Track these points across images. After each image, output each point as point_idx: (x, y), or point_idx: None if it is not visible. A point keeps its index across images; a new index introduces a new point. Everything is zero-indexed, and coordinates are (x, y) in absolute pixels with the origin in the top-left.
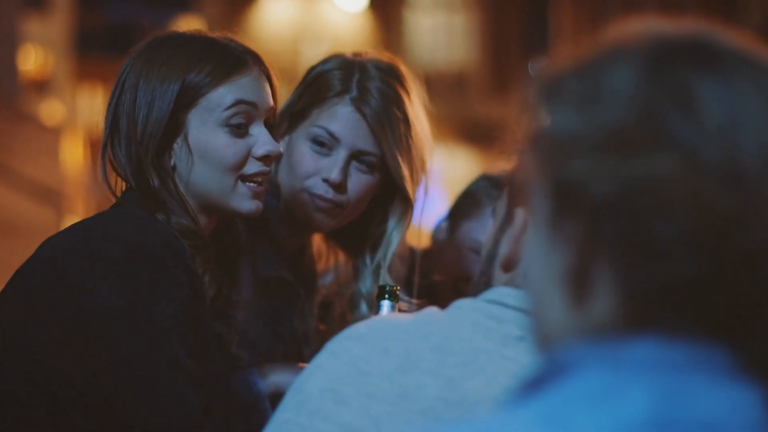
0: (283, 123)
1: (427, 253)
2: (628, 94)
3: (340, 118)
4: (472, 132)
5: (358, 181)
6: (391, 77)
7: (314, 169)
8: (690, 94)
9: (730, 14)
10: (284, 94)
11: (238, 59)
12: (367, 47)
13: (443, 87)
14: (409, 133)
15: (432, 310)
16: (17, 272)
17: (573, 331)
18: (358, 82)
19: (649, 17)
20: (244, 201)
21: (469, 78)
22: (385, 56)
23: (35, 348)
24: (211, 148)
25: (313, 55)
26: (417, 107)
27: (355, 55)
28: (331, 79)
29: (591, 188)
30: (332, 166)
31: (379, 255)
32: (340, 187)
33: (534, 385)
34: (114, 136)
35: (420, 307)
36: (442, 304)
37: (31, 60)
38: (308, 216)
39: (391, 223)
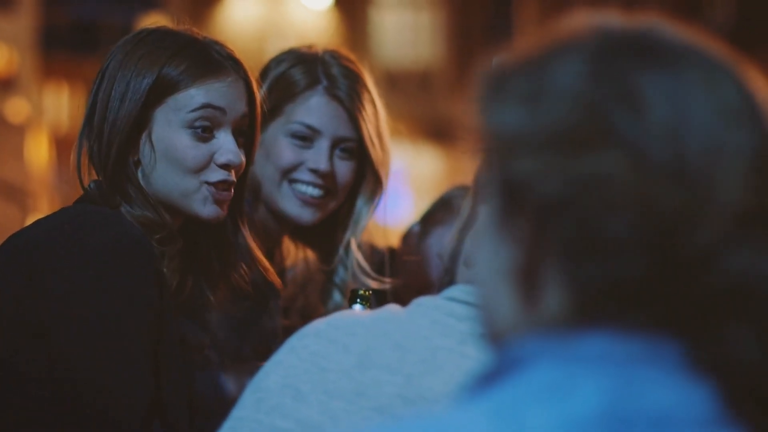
0: None
1: (393, 255)
2: (572, 91)
3: (317, 110)
4: (438, 130)
5: (343, 169)
6: (348, 61)
7: (297, 160)
8: (635, 91)
9: (694, 12)
10: None
11: (216, 62)
12: (332, 45)
13: (409, 85)
14: (377, 113)
15: (392, 308)
16: None
17: (523, 327)
18: (323, 71)
19: (605, 13)
20: (205, 205)
21: (435, 76)
22: (329, 45)
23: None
24: (172, 148)
25: (277, 53)
26: (377, 95)
27: (306, 47)
28: (295, 74)
29: (538, 187)
30: (317, 156)
31: (347, 234)
32: (328, 176)
33: (485, 381)
34: (89, 124)
35: None
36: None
37: None
38: (293, 212)
39: (360, 201)
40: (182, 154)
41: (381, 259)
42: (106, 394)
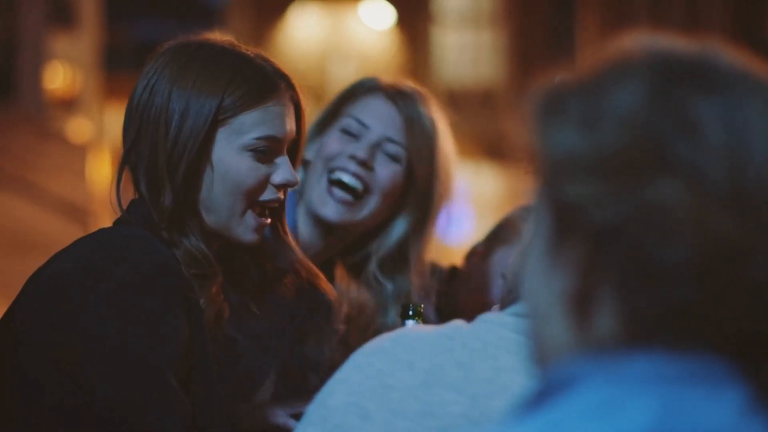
0: (317, 131)
1: (455, 274)
2: (630, 116)
3: (372, 108)
4: (499, 149)
5: (384, 170)
6: (421, 94)
7: (341, 148)
8: (694, 117)
9: (750, 28)
10: (311, 112)
11: (273, 84)
12: (394, 65)
13: (470, 104)
14: (436, 140)
15: (457, 323)
16: (21, 293)
17: (573, 348)
18: (392, 84)
19: (663, 34)
20: (248, 232)
21: (496, 95)
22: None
23: (29, 371)
24: (233, 169)
25: (339, 72)
26: (444, 126)
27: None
28: (365, 83)
29: (593, 213)
30: (361, 146)
31: (372, 246)
32: (366, 167)
33: (536, 400)
34: (140, 142)
35: None
36: None
37: (59, 77)
38: (323, 210)
39: (401, 220)
40: (244, 176)
41: (442, 277)
42: (143, 424)
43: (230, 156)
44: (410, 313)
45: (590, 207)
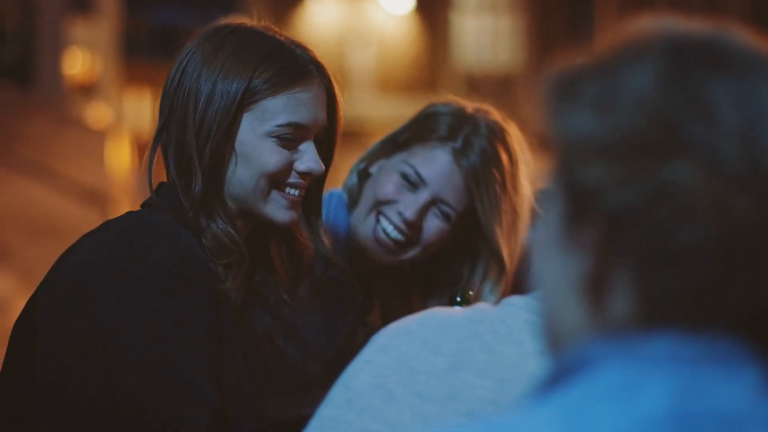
0: (384, 147)
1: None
2: (646, 99)
3: (435, 163)
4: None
5: (433, 226)
6: (500, 140)
7: (394, 197)
8: (708, 98)
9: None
10: None
11: (303, 70)
12: (413, 50)
13: (489, 89)
14: (505, 197)
15: (483, 306)
16: (44, 281)
17: (589, 331)
18: (466, 135)
19: (676, 17)
20: (279, 210)
21: (515, 79)
22: (501, 117)
23: (50, 365)
24: (256, 153)
25: (358, 57)
26: (520, 176)
27: (475, 109)
28: (441, 122)
29: (609, 196)
30: (412, 203)
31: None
32: (412, 226)
33: (553, 382)
34: (170, 122)
35: None
36: None
37: (78, 63)
38: (368, 245)
39: (487, 286)
40: (266, 160)
41: None
42: (168, 416)
43: (253, 140)
44: (458, 299)
45: (606, 190)
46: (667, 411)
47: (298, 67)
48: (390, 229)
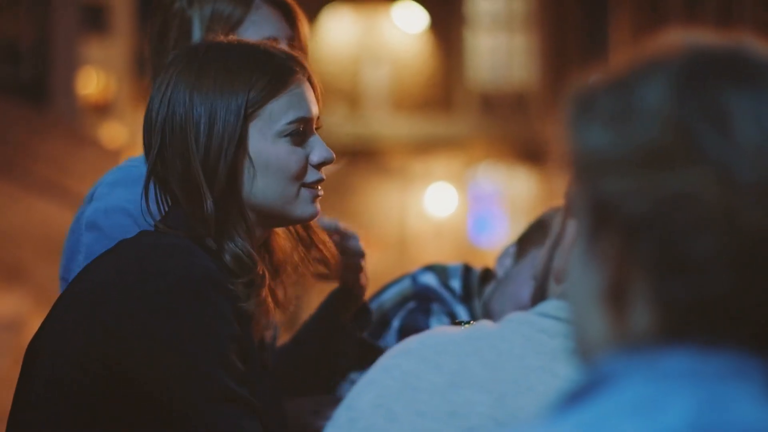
0: None
1: (487, 276)
2: (659, 110)
3: None
4: (533, 151)
5: None
6: None
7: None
8: (724, 110)
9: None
10: (343, 115)
11: (291, 68)
12: (427, 68)
13: (504, 107)
14: None
15: (484, 323)
16: (60, 301)
17: (612, 344)
18: None
19: (694, 32)
20: (307, 206)
21: (530, 97)
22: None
23: (67, 383)
24: (273, 158)
25: (372, 75)
26: None
27: None
28: None
29: (625, 206)
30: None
31: None
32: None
33: (574, 397)
34: (165, 155)
35: None
36: None
37: (93, 83)
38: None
39: None
40: (285, 162)
41: (475, 280)
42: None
43: (267, 146)
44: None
45: (623, 201)
46: (686, 425)
47: (286, 66)
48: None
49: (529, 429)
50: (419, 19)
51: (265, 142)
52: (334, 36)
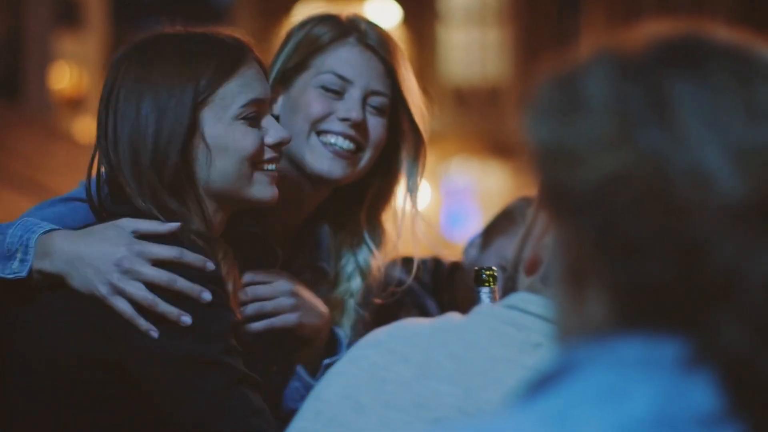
0: (275, 86)
1: (456, 268)
2: (603, 101)
3: (349, 60)
4: (506, 146)
5: (375, 123)
6: (382, 29)
7: (328, 110)
8: (666, 97)
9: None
10: None
11: (239, 51)
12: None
13: (476, 102)
14: (410, 69)
15: (452, 316)
16: (40, 301)
17: (576, 331)
18: (355, 24)
19: (656, 23)
20: (264, 188)
21: (502, 92)
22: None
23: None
24: (230, 140)
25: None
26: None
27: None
28: (321, 30)
29: (573, 192)
30: (349, 105)
31: (405, 187)
32: (359, 127)
33: (540, 385)
34: (118, 148)
35: None
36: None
37: (66, 77)
38: (323, 166)
39: (407, 162)
40: (242, 143)
41: (444, 271)
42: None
43: (223, 130)
44: (483, 278)
45: (572, 187)
46: (651, 414)
47: (234, 50)
48: (341, 141)
49: (494, 418)
50: (392, 13)
51: (221, 126)
52: None
